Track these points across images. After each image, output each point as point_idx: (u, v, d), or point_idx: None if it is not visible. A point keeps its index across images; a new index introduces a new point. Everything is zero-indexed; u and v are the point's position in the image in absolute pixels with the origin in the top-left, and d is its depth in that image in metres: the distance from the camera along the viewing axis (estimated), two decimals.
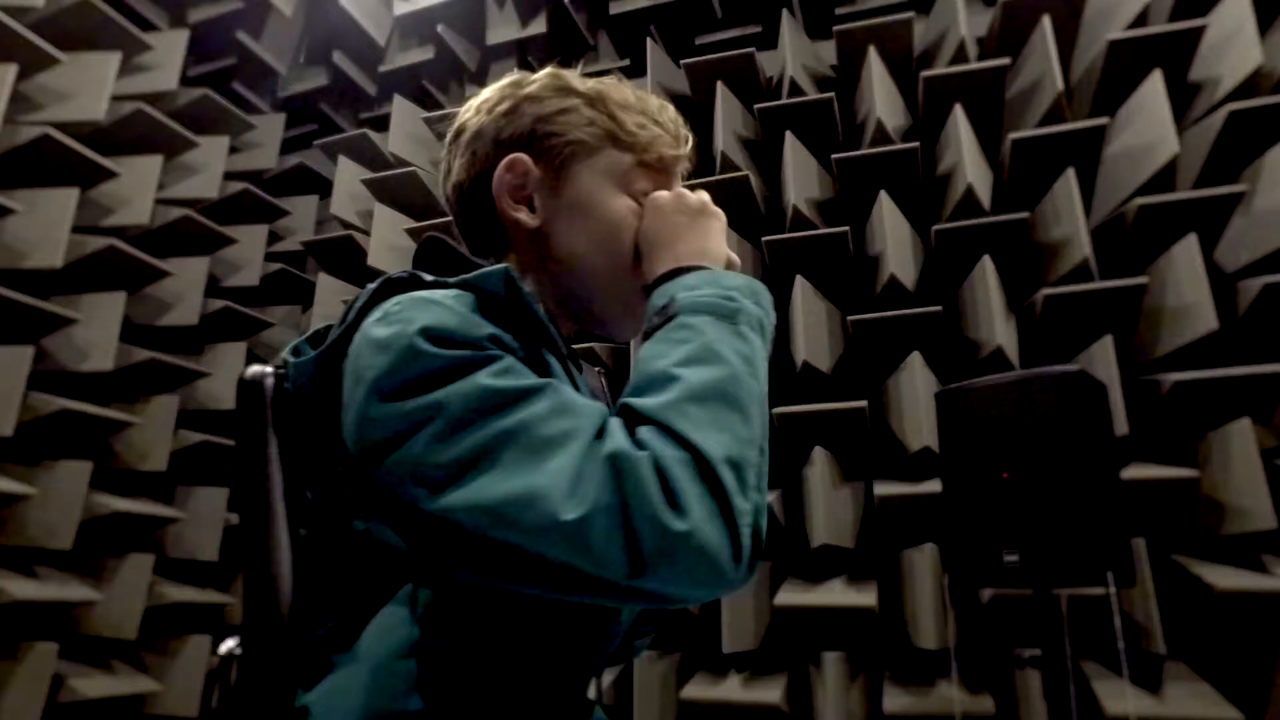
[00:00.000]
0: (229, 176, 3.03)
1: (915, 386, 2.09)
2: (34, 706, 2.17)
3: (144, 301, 2.73)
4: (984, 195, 2.20)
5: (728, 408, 0.59)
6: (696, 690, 2.14)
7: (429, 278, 0.68)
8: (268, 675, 0.65)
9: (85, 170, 2.51)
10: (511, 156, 0.77)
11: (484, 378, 0.59)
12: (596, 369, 0.91)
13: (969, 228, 2.17)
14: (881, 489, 2.11)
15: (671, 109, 0.83)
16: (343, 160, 3.12)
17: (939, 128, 2.37)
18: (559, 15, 3.01)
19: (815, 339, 2.24)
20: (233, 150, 3.09)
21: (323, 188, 3.35)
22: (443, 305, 0.63)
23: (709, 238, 0.75)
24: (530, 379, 0.61)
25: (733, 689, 2.12)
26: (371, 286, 0.67)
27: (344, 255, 3.03)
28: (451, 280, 0.67)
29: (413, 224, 2.88)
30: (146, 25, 2.94)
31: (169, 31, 2.93)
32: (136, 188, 2.64)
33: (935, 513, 1.99)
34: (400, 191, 2.96)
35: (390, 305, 0.64)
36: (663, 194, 0.76)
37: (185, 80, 3.02)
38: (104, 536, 2.46)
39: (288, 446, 0.69)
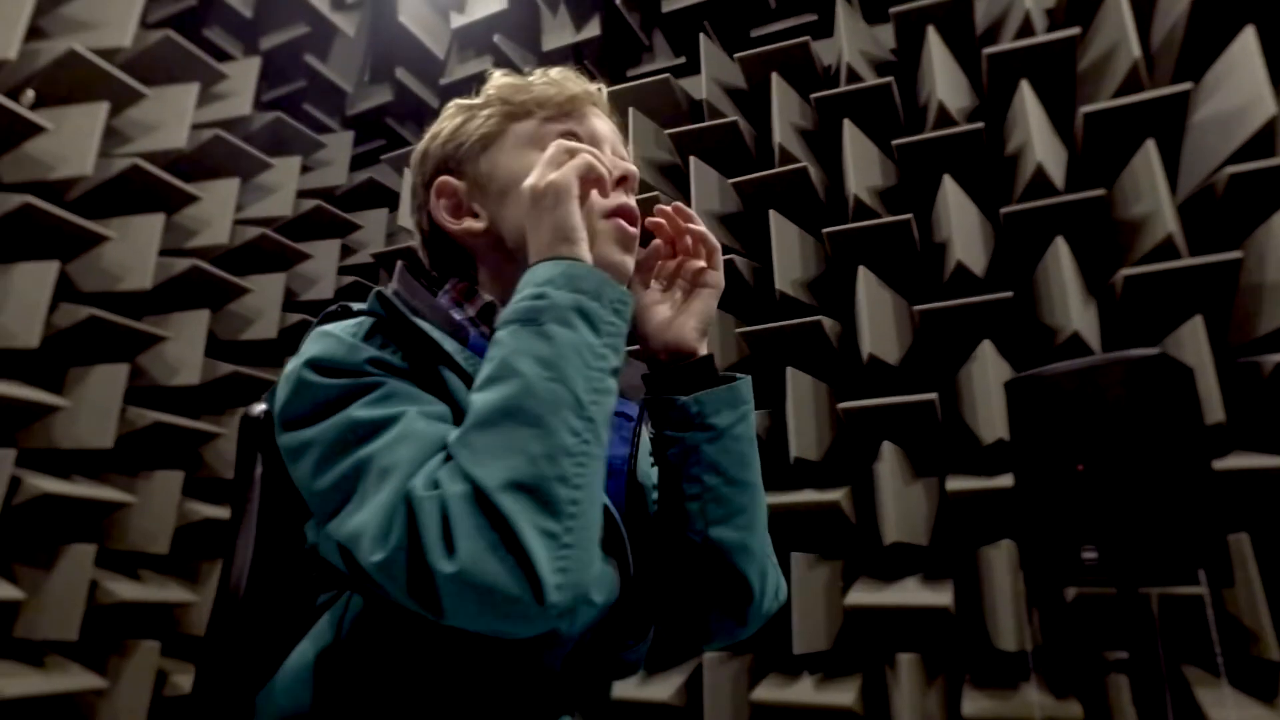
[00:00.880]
0: (302, 194, 3.15)
1: (987, 376, 2.01)
2: (141, 701, 2.31)
3: (227, 318, 2.86)
4: (1056, 174, 2.10)
5: (518, 425, 0.56)
6: (768, 692, 2.11)
7: (357, 306, 0.71)
8: (223, 676, 0.69)
9: (170, 196, 2.64)
10: (437, 182, 0.81)
11: (355, 408, 0.62)
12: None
13: (1040, 209, 2.07)
14: (954, 484, 2.03)
15: (560, 69, 0.84)
16: (409, 173, 3.19)
17: (1005, 106, 2.26)
18: (612, 18, 3.02)
19: (881, 331, 2.18)
20: (305, 169, 3.22)
21: (391, 201, 3.45)
22: (333, 336, 0.66)
23: (557, 217, 0.67)
24: (392, 408, 0.61)
25: (805, 691, 2.08)
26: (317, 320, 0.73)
27: None
28: (360, 307, 0.71)
29: None
30: (222, 55, 3.08)
31: (243, 60, 3.06)
32: (216, 210, 2.77)
33: (1011, 508, 1.91)
34: None
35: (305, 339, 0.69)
36: (526, 182, 0.71)
37: (259, 104, 3.16)
38: (198, 541, 2.59)
39: (271, 471, 0.73)
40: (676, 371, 0.78)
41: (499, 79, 0.82)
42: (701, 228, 0.81)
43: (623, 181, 0.76)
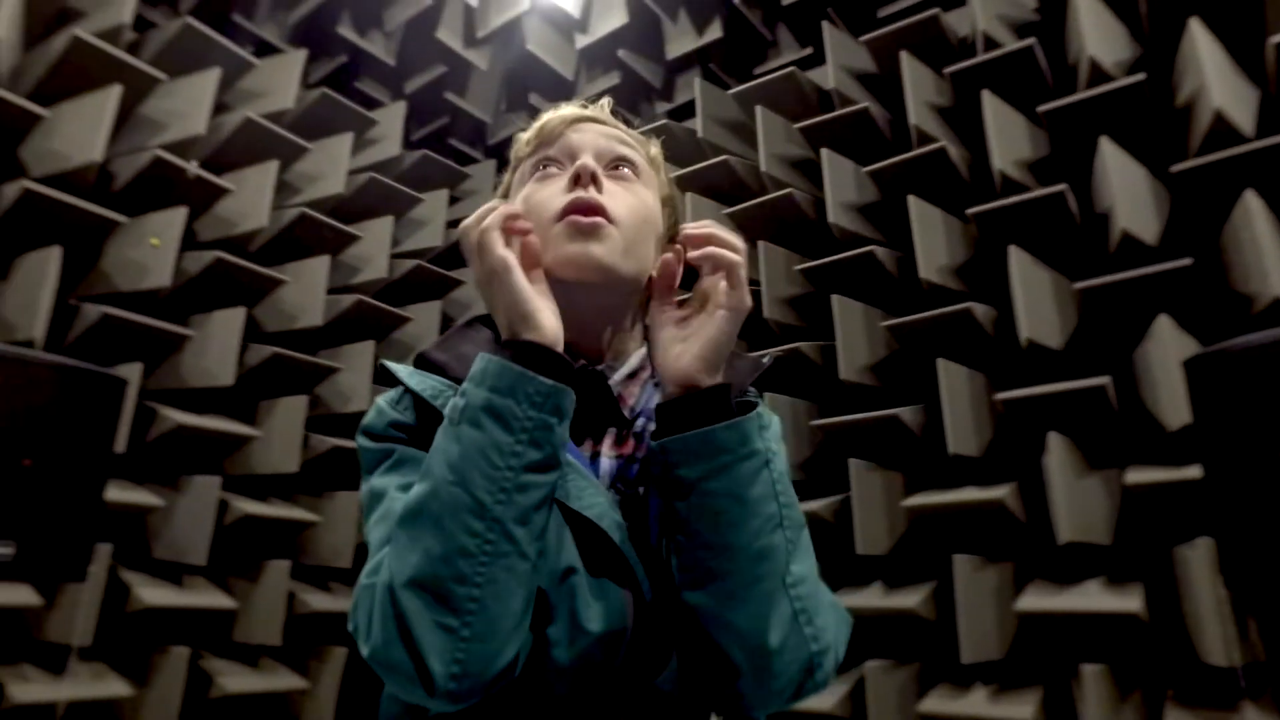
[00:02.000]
0: (451, 225, 3.33)
1: (1166, 355, 1.80)
2: (171, 711, 2.35)
3: (391, 347, 3.07)
4: (1242, 119, 1.85)
5: (422, 527, 0.61)
6: (937, 703, 1.99)
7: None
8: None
9: (334, 238, 2.88)
10: None
11: (374, 476, 0.72)
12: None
13: (1223, 161, 1.84)
14: (1136, 476, 1.83)
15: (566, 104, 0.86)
16: None
17: (1171, 51, 2.03)
18: (734, 17, 2.99)
19: (1040, 313, 2.01)
20: (452, 200, 3.40)
21: None
22: (377, 403, 0.77)
23: (503, 300, 0.68)
24: (391, 478, 0.70)
25: (978, 703, 1.94)
26: None
27: None
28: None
29: None
30: (372, 103, 3.32)
31: (390, 105, 3.29)
32: (375, 247, 2.99)
33: (1205, 501, 1.70)
34: None
35: None
36: None
37: (407, 144, 3.38)
38: None
39: None
40: (671, 408, 0.69)
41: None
42: (716, 247, 0.71)
43: (578, 180, 0.75)
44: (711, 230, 0.71)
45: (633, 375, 0.80)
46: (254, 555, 2.50)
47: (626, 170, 0.81)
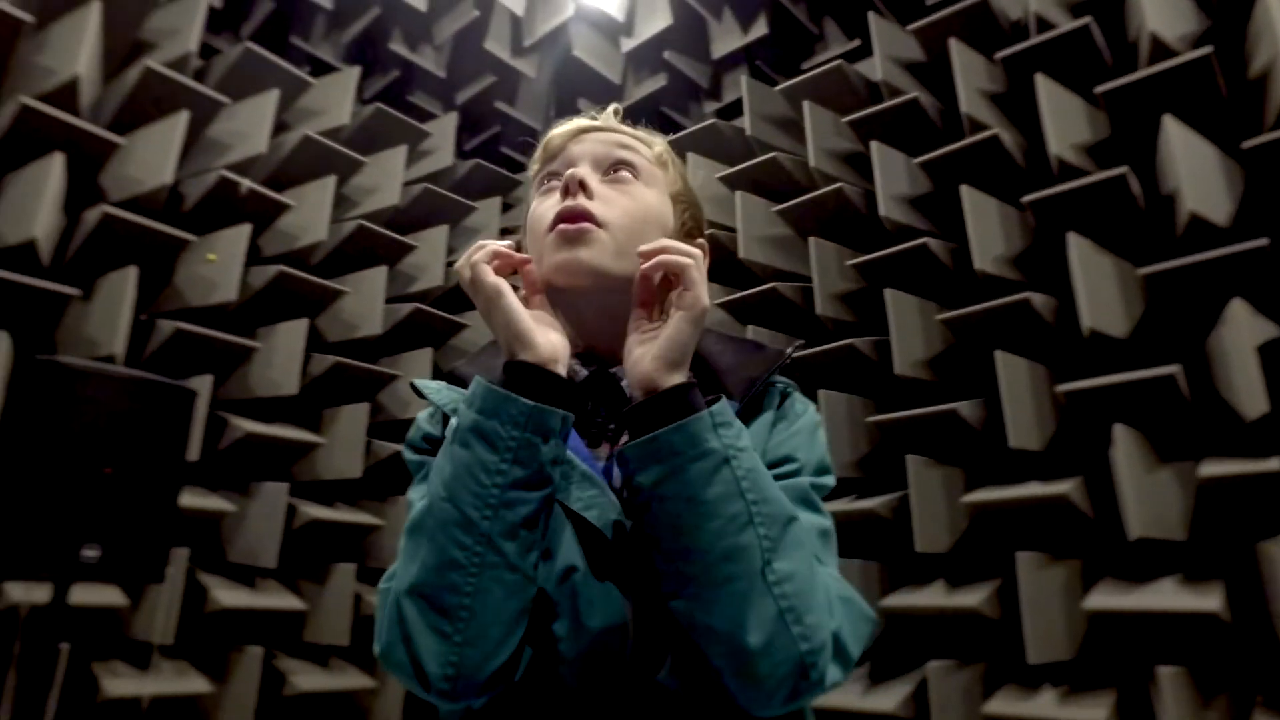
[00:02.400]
0: (504, 232, 3.38)
1: (1241, 340, 1.72)
2: (248, 708, 2.37)
3: (449, 353, 3.13)
4: None
5: (421, 538, 0.66)
6: (1003, 705, 1.94)
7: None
8: None
9: (391, 249, 2.96)
10: None
11: (411, 488, 0.77)
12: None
13: None
14: (1211, 468, 1.75)
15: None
16: None
17: (1243, 20, 1.94)
18: (778, 13, 2.97)
19: (1103, 301, 1.94)
20: (505, 208, 3.46)
21: None
22: (416, 418, 0.83)
23: (498, 324, 0.71)
24: (419, 489, 0.75)
25: (1047, 705, 1.88)
26: None
27: None
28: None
29: None
30: (425, 115, 3.40)
31: (442, 116, 3.36)
32: (431, 256, 3.05)
33: None
34: None
35: None
36: None
37: (460, 154, 3.45)
38: None
39: None
40: (634, 414, 0.68)
41: None
42: (665, 255, 0.70)
43: (567, 190, 0.77)
44: (664, 243, 0.72)
45: None
46: (322, 558, 2.58)
47: (624, 173, 0.82)
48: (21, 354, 2.02)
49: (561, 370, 0.70)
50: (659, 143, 0.89)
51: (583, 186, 0.77)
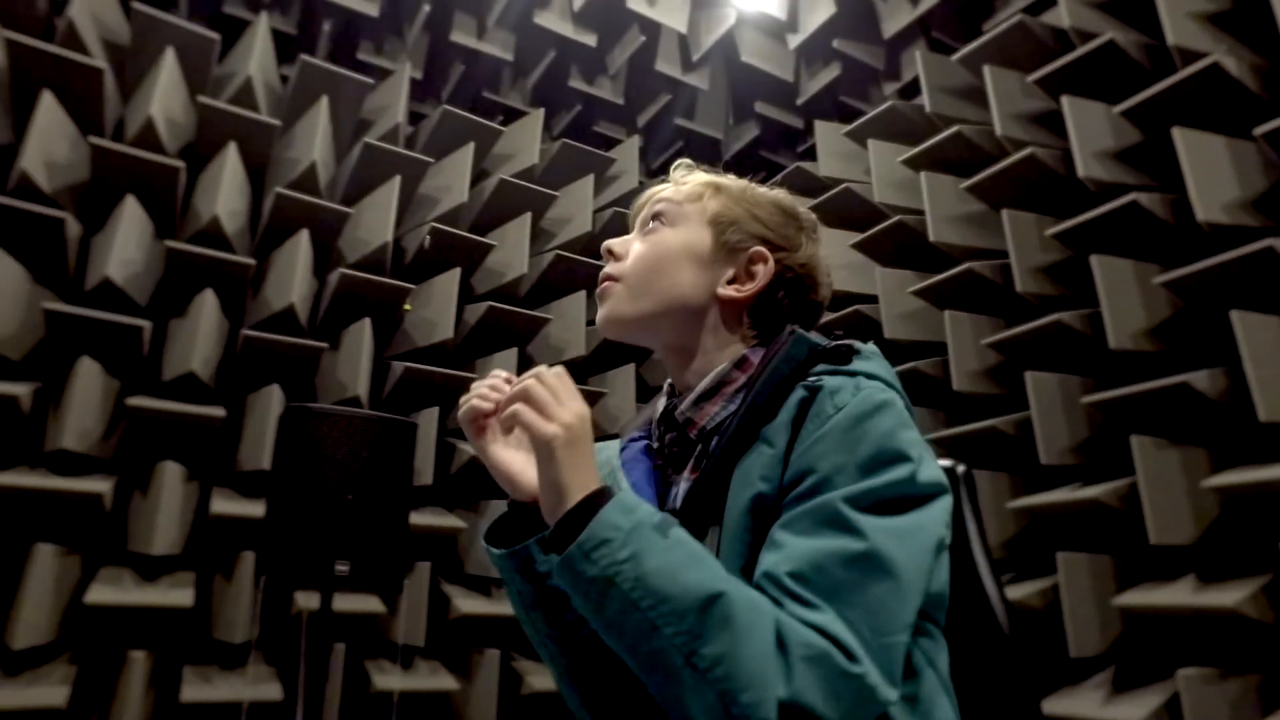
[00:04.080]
0: None
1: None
2: (490, 704, 2.54)
3: (653, 367, 3.26)
4: None
5: None
6: (1046, 703, 1.69)
7: None
8: None
9: (587, 275, 3.14)
10: None
11: None
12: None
13: None
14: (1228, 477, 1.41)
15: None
16: None
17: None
18: None
19: (1124, 311, 1.71)
20: None
21: None
22: None
23: (543, 473, 0.73)
24: None
25: (1089, 703, 1.64)
26: None
27: None
28: None
29: (858, 236, 2.90)
30: (610, 141, 3.57)
31: (626, 141, 3.51)
32: None
33: None
34: (839, 210, 3.03)
35: None
36: None
37: (647, 173, 3.58)
38: None
39: None
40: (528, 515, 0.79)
41: None
42: (505, 409, 0.75)
43: (610, 252, 0.91)
44: (502, 401, 0.78)
45: (706, 395, 0.83)
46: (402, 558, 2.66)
47: (654, 223, 0.91)
48: (289, 401, 2.41)
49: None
50: (695, 177, 0.94)
51: (610, 253, 0.90)
